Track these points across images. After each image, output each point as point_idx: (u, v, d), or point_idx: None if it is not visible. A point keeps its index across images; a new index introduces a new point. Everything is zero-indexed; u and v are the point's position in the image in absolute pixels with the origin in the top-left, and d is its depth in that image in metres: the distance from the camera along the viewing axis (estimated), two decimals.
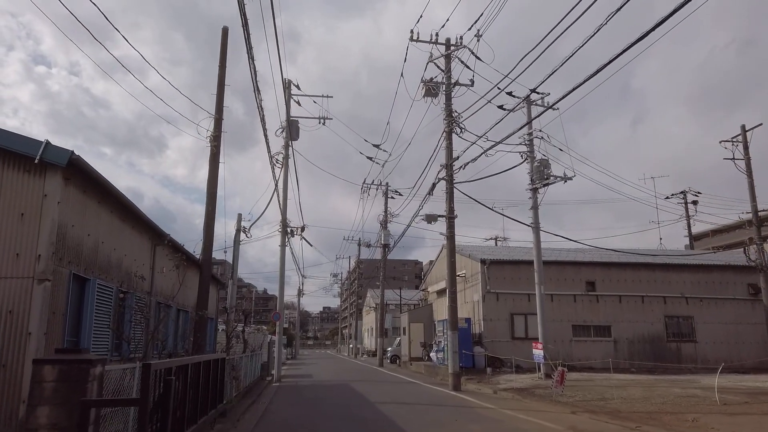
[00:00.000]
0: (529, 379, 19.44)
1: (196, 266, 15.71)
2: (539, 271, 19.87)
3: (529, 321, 23.43)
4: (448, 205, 18.47)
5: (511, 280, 23.69)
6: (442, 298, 29.75)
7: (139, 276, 9.53)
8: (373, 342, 56.63)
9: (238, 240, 24.11)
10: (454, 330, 17.84)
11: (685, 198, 39.87)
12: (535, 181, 20.10)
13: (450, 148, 18.69)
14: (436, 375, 23.65)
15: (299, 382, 21.63)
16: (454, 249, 18.33)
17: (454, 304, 18.04)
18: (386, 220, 36.23)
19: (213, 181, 15.92)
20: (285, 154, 24.33)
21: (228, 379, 12.11)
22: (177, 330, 15.21)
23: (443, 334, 23.70)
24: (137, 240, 11.29)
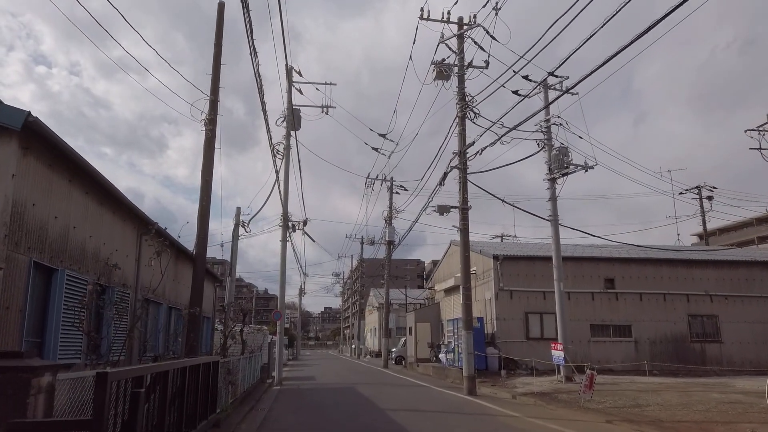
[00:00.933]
0: (548, 383, 18.13)
1: (190, 260, 14.44)
2: (558, 267, 18.56)
3: (545, 320, 22.15)
4: (462, 195, 17.17)
5: (526, 276, 22.39)
6: (450, 297, 28.46)
7: (112, 264, 8.19)
8: (377, 342, 55.35)
9: (236, 235, 22.83)
10: (469, 330, 16.55)
11: (700, 193, 38.52)
12: (553, 171, 18.79)
13: (463, 134, 17.41)
14: (446, 377, 22.36)
15: (301, 385, 20.34)
16: (468, 242, 17.04)
17: (468, 302, 16.75)
18: (391, 215, 34.92)
19: (208, 167, 14.66)
20: (286, 144, 23.06)
21: (223, 385, 10.82)
22: (168, 330, 13.93)
23: (454, 334, 22.41)
24: (119, 228, 10.01)
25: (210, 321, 20.04)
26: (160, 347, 12.79)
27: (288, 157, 23.04)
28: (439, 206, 16.90)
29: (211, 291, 20.09)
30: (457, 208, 17.12)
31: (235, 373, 13.11)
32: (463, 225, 17.03)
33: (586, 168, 18.19)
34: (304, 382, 21.71)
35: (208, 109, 14.89)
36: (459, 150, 17.30)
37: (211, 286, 20.73)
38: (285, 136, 23.10)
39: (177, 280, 14.72)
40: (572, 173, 18.56)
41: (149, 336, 12.04)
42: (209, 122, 14.80)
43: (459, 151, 17.32)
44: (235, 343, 18.09)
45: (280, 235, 22.69)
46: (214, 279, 20.20)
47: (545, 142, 19.20)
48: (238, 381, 13.46)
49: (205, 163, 14.61)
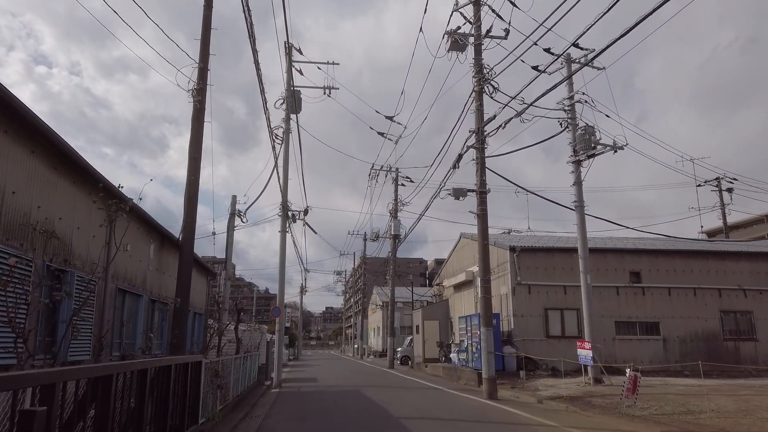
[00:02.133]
0: (574, 385, 16.45)
1: (177, 249, 12.76)
2: (584, 258, 16.88)
3: (566, 316, 20.47)
4: (479, 178, 15.50)
5: (545, 270, 20.69)
6: (460, 293, 26.79)
7: (44, 231, 6.47)
8: (380, 342, 53.67)
9: (232, 225, 21.16)
10: (489, 326, 14.88)
11: (719, 185, 36.80)
12: (578, 152, 17.12)
13: (480, 110, 15.73)
14: (459, 379, 20.67)
15: (302, 388, 18.66)
16: (486, 229, 15.36)
17: (488, 295, 15.07)
18: (396, 208, 33.24)
19: (196, 143, 13.00)
20: (286, 128, 21.41)
21: (209, 390, 9.15)
22: (149, 325, 12.27)
23: (467, 332, 20.74)
24: (82, 202, 8.33)
25: (200, 317, 18.37)
26: (138, 345, 11.12)
27: (288, 142, 21.40)
28: (454, 189, 15.23)
29: (203, 285, 18.44)
30: (474, 192, 15.43)
31: (226, 375, 11.45)
32: (481, 210, 15.35)
33: (615, 148, 16.52)
34: (305, 384, 20.03)
35: (197, 77, 13.27)
36: (476, 127, 15.63)
37: (203, 281, 19.08)
38: (284, 119, 21.46)
39: (162, 271, 13.06)
40: (600, 154, 16.90)
41: (125, 332, 10.37)
42: (198, 92, 13.15)
43: (476, 129, 15.64)
44: (230, 342, 16.48)
45: (279, 226, 21.06)
46: (207, 273, 18.56)
47: (568, 121, 17.54)
48: (229, 384, 11.80)
49: (193, 137, 12.96)
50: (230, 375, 11.91)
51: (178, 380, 6.76)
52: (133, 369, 4.56)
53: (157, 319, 12.83)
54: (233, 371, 12.46)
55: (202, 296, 18.32)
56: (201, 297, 18.18)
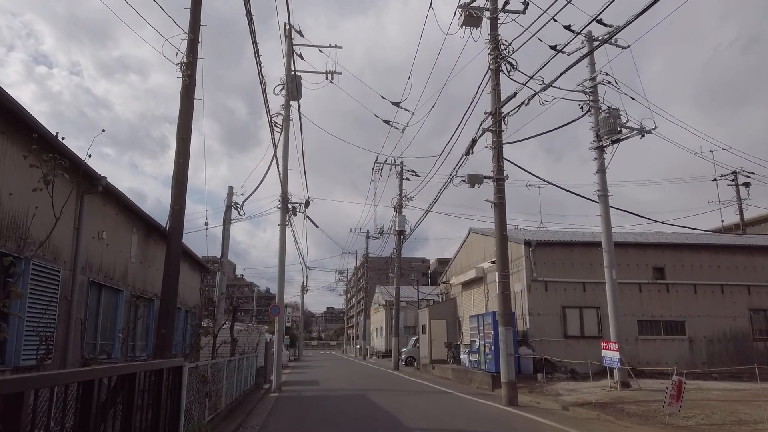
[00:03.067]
0: (598, 389, 15.14)
1: (165, 239, 11.46)
2: (609, 252, 15.58)
3: (585, 315, 19.14)
4: (497, 163, 14.20)
5: (562, 265, 19.37)
6: (469, 291, 25.49)
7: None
8: (383, 342, 52.34)
9: (228, 218, 19.85)
10: (508, 326, 13.57)
11: (736, 179, 35.46)
12: (601, 137, 15.80)
13: (497, 90, 14.44)
14: (470, 382, 19.38)
15: (303, 392, 17.36)
16: (504, 219, 14.05)
17: (506, 291, 13.76)
18: (401, 203, 31.94)
19: (185, 122, 11.69)
20: (285, 115, 20.13)
21: (194, 399, 7.85)
22: (133, 324, 10.97)
23: (479, 332, 19.44)
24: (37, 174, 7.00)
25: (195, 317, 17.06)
26: (117, 347, 9.82)
27: (288, 129, 20.12)
28: (469, 176, 13.90)
29: (197, 282, 17.15)
30: (490, 179, 14.13)
31: (218, 380, 10.16)
32: (499, 198, 14.04)
33: (642, 132, 15.19)
34: (306, 388, 18.73)
35: (186, 49, 11.98)
36: (493, 109, 14.33)
37: (196, 277, 17.77)
38: (284, 105, 20.19)
39: (147, 264, 11.77)
40: (625, 139, 15.58)
41: (100, 332, 9.08)
42: (187, 66, 11.86)
43: (492, 111, 14.34)
44: (225, 343, 15.20)
45: (278, 221, 19.76)
46: (201, 269, 17.28)
47: (590, 104, 16.22)
48: (221, 390, 10.51)
49: (182, 116, 11.66)
50: (222, 380, 10.61)
51: (150, 390, 5.47)
52: (62, 382, 3.24)
53: (142, 318, 11.53)
54: (226, 375, 11.17)
55: (195, 294, 17.04)
56: (194, 294, 16.90)
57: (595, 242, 19.97)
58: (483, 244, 24.07)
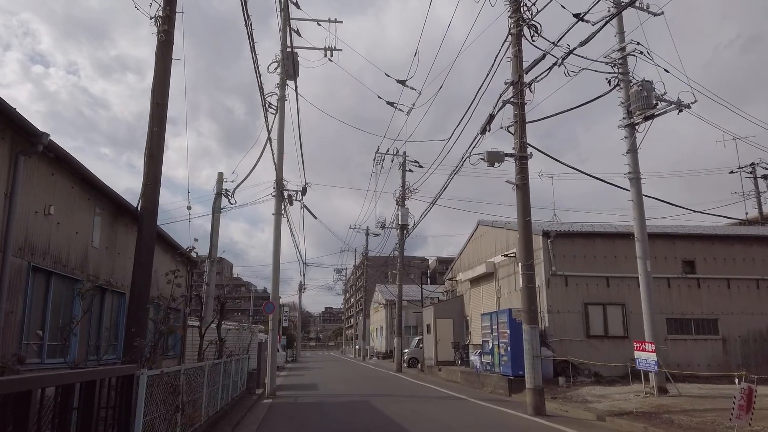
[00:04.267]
0: (632, 395, 13.50)
1: (136, 220, 9.78)
2: (643, 241, 13.92)
3: (609, 313, 17.50)
4: (519, 139, 12.53)
5: (584, 258, 17.71)
6: (477, 288, 23.82)
7: None
8: (384, 342, 50.64)
9: (218, 206, 18.18)
10: (533, 323, 11.89)
11: (755, 171, 33.85)
12: (633, 113, 14.15)
13: (519, 56, 12.77)
14: (482, 386, 17.71)
15: (300, 398, 15.67)
16: (528, 203, 12.37)
17: (531, 285, 12.10)
18: (404, 195, 30.28)
19: (161, 85, 10.03)
20: (281, 95, 18.44)
21: (159, 415, 6.16)
22: (96, 323, 9.28)
23: (492, 332, 17.76)
24: None
25: (180, 314, 15.35)
26: (76, 348, 8.11)
27: (282, 110, 18.43)
28: (488, 153, 12.20)
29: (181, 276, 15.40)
30: (512, 156, 12.45)
31: (195, 389, 8.47)
32: (522, 179, 12.37)
33: (680, 106, 13.55)
34: (303, 393, 17.04)
35: (163, 2, 10.31)
36: (514, 78, 12.66)
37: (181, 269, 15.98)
38: (279, 84, 18.50)
39: (116, 251, 10.07)
40: (660, 114, 13.94)
41: (49, 329, 7.36)
42: (163, 20, 10.18)
43: (513, 80, 12.67)
44: (212, 344, 13.49)
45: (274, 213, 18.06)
46: (186, 261, 15.56)
47: (619, 76, 14.57)
48: (200, 401, 8.81)
49: (158, 79, 9.99)
50: (202, 387, 8.92)
51: (88, 404, 3.83)
52: None
53: (110, 314, 9.82)
54: (208, 382, 9.48)
55: (179, 288, 15.30)
56: (178, 289, 15.17)
57: (620, 233, 18.36)
58: (493, 237, 22.40)
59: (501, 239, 21.45)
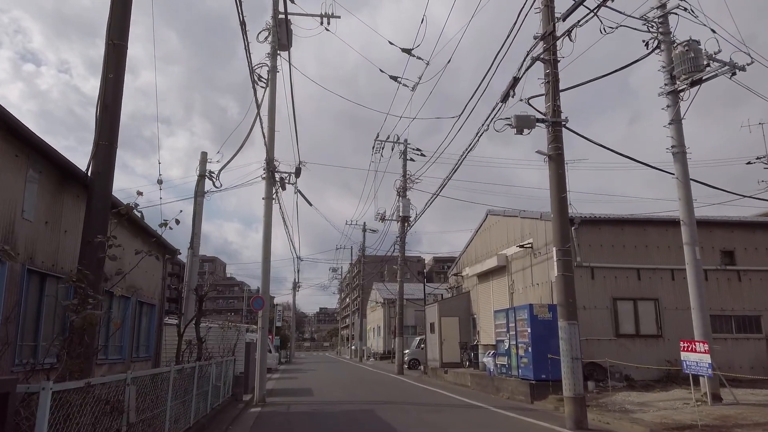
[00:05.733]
0: (678, 402, 11.64)
1: (86, 189, 7.77)
2: (690, 224, 12.07)
3: (641, 309, 15.65)
4: (552, 102, 10.62)
5: (612, 248, 15.84)
6: (486, 283, 21.93)
7: None
8: (381, 343, 48.72)
9: (201, 189, 16.20)
10: (572, 319, 9.99)
11: None
12: (678, 77, 12.28)
13: (551, 5, 10.87)
14: (497, 391, 15.82)
15: (293, 406, 13.71)
16: (563, 177, 10.47)
17: (568, 273, 10.21)
18: (405, 186, 28.37)
19: (121, 19, 7.99)
20: (272, 65, 16.47)
21: None
22: (33, 317, 7.30)
23: (509, 330, 15.86)
24: None
25: (154, 311, 13.36)
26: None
27: (274, 84, 16.47)
28: (517, 117, 10.27)
29: (156, 267, 13.41)
30: (543, 122, 10.54)
31: (157, 403, 6.50)
32: (556, 149, 10.47)
33: (734, 68, 11.69)
34: (296, 400, 15.08)
35: None
36: (545, 30, 10.75)
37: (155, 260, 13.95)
38: (270, 54, 16.53)
39: (60, 228, 8.07)
40: (710, 78, 12.07)
41: None
42: None
43: (545, 33, 10.75)
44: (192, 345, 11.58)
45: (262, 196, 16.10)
46: (161, 249, 13.59)
47: (659, 38, 12.69)
48: (164, 416, 6.84)
49: (114, 13, 7.96)
50: (166, 400, 6.95)
51: None
52: None
53: (53, 306, 7.83)
54: (176, 392, 7.51)
55: (154, 281, 13.33)
56: (153, 282, 13.19)
57: (651, 219, 16.54)
58: (505, 228, 20.51)
59: (514, 229, 19.56)
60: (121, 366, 10.76)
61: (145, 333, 12.80)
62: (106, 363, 9.94)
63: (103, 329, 9.56)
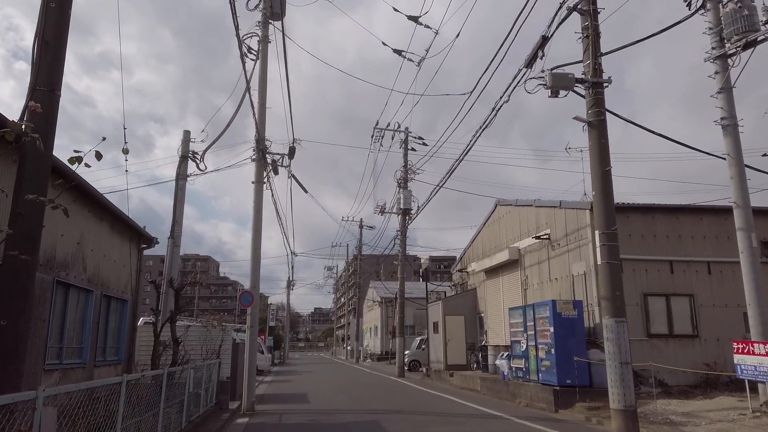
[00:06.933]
0: (733, 412, 10.07)
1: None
2: (744, 207, 10.48)
3: (674, 306, 14.07)
4: (592, 60, 9.01)
5: (642, 239, 14.27)
6: (495, 279, 20.33)
7: None
8: (378, 343, 47.05)
9: (184, 171, 14.50)
10: (620, 316, 8.41)
11: None
12: (728, 39, 10.70)
13: None
14: (513, 397, 14.21)
15: (285, 415, 12.04)
16: (607, 147, 8.87)
17: (614, 261, 8.60)
18: (406, 177, 26.75)
19: None
20: (263, 35, 14.80)
21: None
22: None
23: (527, 330, 14.26)
24: None
25: (126, 307, 11.64)
26: None
27: (265, 55, 14.80)
28: (553, 74, 8.63)
29: (125, 255, 11.70)
30: (583, 83, 8.91)
31: (102, 429, 4.82)
32: (597, 114, 8.85)
33: None
34: (290, 408, 13.40)
35: None
36: None
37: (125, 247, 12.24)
38: (261, 22, 14.86)
39: None
40: (765, 40, 10.48)
41: None
42: None
43: None
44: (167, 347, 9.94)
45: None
46: (135, 235, 11.89)
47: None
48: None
49: None
50: (116, 420, 5.27)
51: None
52: None
53: None
54: (131, 409, 5.84)
55: (126, 273, 11.62)
56: (125, 274, 11.48)
57: (684, 207, 14.98)
58: (517, 218, 18.91)
59: (528, 219, 17.96)
60: (81, 372, 9.07)
61: (115, 333, 11.09)
62: (59, 368, 8.24)
63: (56, 327, 7.89)
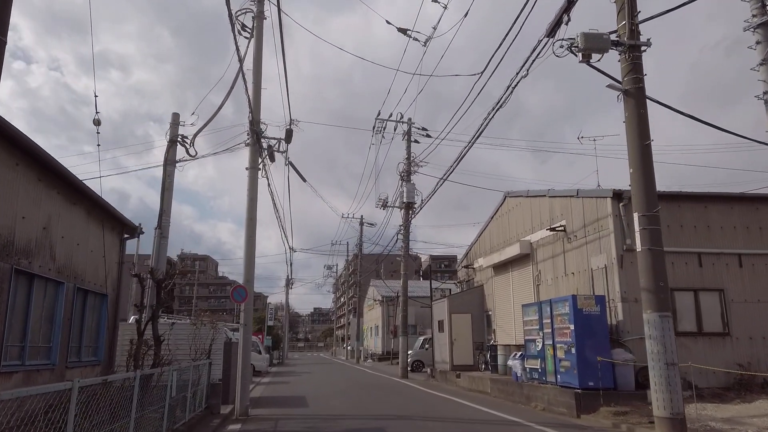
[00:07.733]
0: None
1: None
2: None
3: (703, 302, 13.03)
4: (629, 20, 7.94)
5: (668, 229, 13.05)
6: (504, 275, 19.28)
7: None
8: (379, 343, 45.98)
9: (172, 157, 13.43)
10: (664, 311, 7.33)
11: None
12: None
13: None
14: (528, 400, 13.16)
15: (282, 421, 10.98)
16: (646, 119, 7.80)
17: (657, 248, 7.51)
18: (409, 170, 25.71)
19: None
20: (257, 12, 13.74)
21: None
22: None
23: (544, 327, 13.22)
24: None
25: (105, 302, 10.56)
26: None
27: (260, 32, 13.74)
28: (585, 35, 7.56)
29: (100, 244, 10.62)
30: (619, 46, 7.85)
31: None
32: (635, 81, 7.80)
33: None
34: (287, 413, 12.33)
35: None
36: None
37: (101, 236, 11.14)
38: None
39: None
40: None
41: None
42: None
43: None
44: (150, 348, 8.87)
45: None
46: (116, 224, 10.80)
47: None
48: None
49: None
50: None
51: None
52: None
53: None
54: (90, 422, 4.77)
55: (105, 265, 10.55)
56: (104, 267, 10.42)
57: (712, 195, 13.95)
58: (529, 210, 17.86)
59: (541, 211, 16.91)
60: (49, 374, 7.99)
61: (92, 331, 10.02)
62: (20, 370, 7.17)
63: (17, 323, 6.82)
